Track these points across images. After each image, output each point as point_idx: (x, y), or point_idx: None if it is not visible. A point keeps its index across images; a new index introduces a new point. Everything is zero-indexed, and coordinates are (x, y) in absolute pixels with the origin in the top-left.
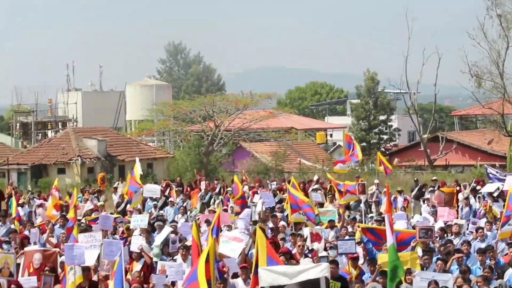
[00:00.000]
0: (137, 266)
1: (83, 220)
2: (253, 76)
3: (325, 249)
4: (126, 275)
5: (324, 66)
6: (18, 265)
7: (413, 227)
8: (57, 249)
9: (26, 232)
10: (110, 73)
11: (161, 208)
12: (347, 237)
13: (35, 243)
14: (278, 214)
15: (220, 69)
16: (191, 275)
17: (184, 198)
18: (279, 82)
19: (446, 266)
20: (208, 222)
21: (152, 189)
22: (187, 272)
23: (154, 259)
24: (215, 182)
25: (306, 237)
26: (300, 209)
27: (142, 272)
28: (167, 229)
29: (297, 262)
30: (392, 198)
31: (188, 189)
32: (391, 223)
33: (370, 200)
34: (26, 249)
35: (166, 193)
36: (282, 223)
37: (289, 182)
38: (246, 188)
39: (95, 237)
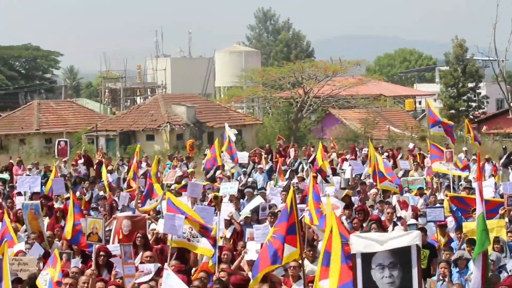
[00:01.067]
0: (227, 233)
1: (173, 187)
2: (341, 42)
3: (415, 217)
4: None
5: (412, 33)
6: (109, 231)
7: (501, 196)
8: (146, 215)
9: (116, 198)
10: (199, 40)
11: (250, 175)
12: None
13: (122, 209)
14: (368, 181)
15: (309, 35)
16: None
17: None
18: (367, 49)
19: None
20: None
21: (241, 156)
22: None
23: None
24: (311, 149)
25: (394, 205)
26: (386, 177)
27: (231, 240)
28: (258, 198)
29: (386, 230)
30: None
31: (277, 155)
32: (481, 191)
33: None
34: (116, 215)
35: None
36: (373, 190)
37: (376, 149)
38: (334, 155)
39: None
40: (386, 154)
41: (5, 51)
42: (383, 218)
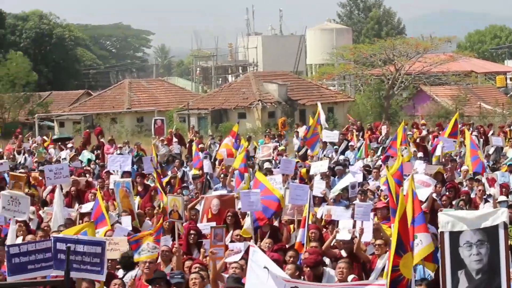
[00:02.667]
0: (319, 212)
1: (267, 165)
2: (432, 19)
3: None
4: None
5: (502, 9)
6: (197, 210)
7: None
8: (235, 194)
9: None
10: (290, 17)
11: (342, 153)
12: None
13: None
14: (459, 159)
15: (400, 12)
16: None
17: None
18: (458, 25)
19: None
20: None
21: (331, 135)
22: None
23: None
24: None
25: (483, 182)
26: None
27: (322, 220)
28: (349, 176)
29: (476, 207)
30: None
31: (369, 133)
32: None
33: None
34: (203, 195)
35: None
36: (464, 167)
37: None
38: (424, 132)
39: (275, 179)
40: (476, 131)
41: (96, 30)
42: (472, 195)
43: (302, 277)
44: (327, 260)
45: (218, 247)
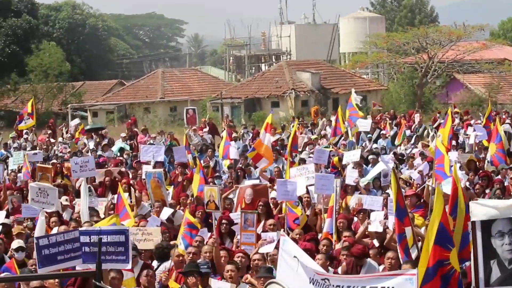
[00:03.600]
0: (351, 200)
1: (303, 155)
2: (465, 7)
3: None
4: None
5: None
6: (231, 200)
7: None
8: (268, 183)
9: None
10: (323, 6)
11: (375, 141)
12: None
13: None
14: None
15: (433, 0)
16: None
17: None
18: (491, 13)
19: None
20: (422, 155)
21: (364, 124)
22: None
23: None
24: (437, 115)
25: None
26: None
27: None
28: (380, 165)
29: (511, 196)
30: None
31: (401, 121)
32: None
33: None
34: (238, 185)
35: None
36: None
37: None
38: (457, 121)
39: (308, 168)
40: (510, 119)
41: (129, 20)
42: (506, 184)
43: (334, 267)
44: None
45: (248, 232)
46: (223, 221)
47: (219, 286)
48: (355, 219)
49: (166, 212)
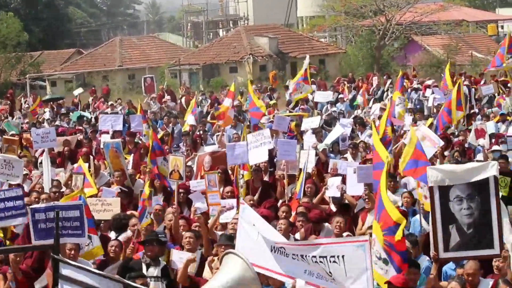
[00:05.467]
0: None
1: (263, 120)
2: None
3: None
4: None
5: None
6: (191, 167)
7: None
8: (225, 150)
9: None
10: None
11: (334, 104)
12: None
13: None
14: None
15: None
16: (378, 203)
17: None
18: None
19: None
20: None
21: (325, 95)
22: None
23: None
24: (384, 77)
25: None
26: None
27: (316, 170)
28: (338, 128)
29: (470, 159)
30: None
31: (359, 84)
32: None
33: None
34: (196, 153)
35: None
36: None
37: (460, 75)
38: (415, 82)
39: (263, 134)
40: (467, 80)
41: None
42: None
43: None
44: None
45: (213, 193)
46: (180, 190)
47: (180, 256)
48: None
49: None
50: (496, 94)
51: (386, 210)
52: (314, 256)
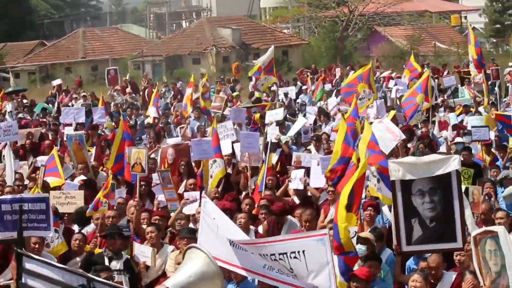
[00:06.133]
0: (274, 157)
1: (226, 112)
2: None
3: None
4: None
5: None
6: (155, 160)
7: None
8: (189, 143)
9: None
10: None
11: (297, 96)
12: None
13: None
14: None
15: None
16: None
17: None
18: None
19: None
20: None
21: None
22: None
23: None
24: (347, 68)
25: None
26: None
27: (279, 163)
28: (301, 120)
29: (434, 150)
30: None
31: (323, 75)
32: None
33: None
34: (159, 145)
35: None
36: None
37: (423, 66)
38: (378, 73)
39: (226, 126)
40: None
41: None
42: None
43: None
44: None
45: (169, 190)
46: (142, 182)
47: (142, 250)
48: None
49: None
50: (458, 86)
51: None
52: (273, 254)
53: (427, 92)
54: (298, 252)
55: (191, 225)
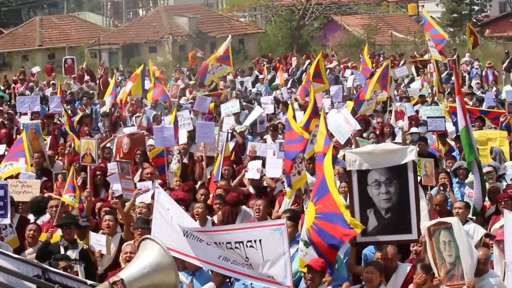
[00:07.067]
0: (229, 146)
1: (182, 101)
2: None
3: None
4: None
5: None
6: (110, 149)
7: (502, 103)
8: (145, 132)
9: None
10: None
11: (253, 85)
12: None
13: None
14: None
15: None
16: (319, 186)
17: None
18: None
19: None
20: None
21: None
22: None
23: None
24: (303, 57)
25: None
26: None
27: (234, 152)
28: (257, 110)
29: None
30: (483, 73)
31: (277, 64)
32: (463, 104)
33: (464, 72)
34: (115, 134)
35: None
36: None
37: (379, 56)
38: (334, 63)
39: (183, 115)
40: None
41: None
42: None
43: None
44: None
45: (127, 180)
46: (97, 172)
47: (97, 239)
48: None
49: None
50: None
51: (332, 195)
52: (229, 243)
53: (319, 74)
54: (255, 241)
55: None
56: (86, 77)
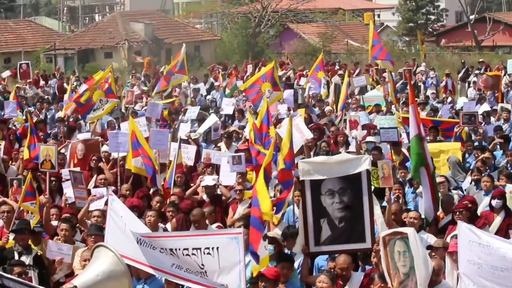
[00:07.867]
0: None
1: (137, 107)
2: None
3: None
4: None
5: None
6: (64, 155)
7: (457, 113)
8: (99, 138)
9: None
10: None
11: (208, 92)
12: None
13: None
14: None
15: None
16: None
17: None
18: None
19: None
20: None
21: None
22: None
23: None
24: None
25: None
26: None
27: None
28: (212, 118)
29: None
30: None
31: (232, 71)
32: (416, 113)
33: (419, 81)
34: (69, 140)
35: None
36: (328, 108)
37: (333, 64)
38: (290, 72)
39: (139, 122)
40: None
41: None
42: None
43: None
44: None
45: (80, 189)
46: (52, 178)
47: (58, 247)
48: None
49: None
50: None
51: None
52: (186, 249)
53: (275, 83)
54: (212, 248)
55: None
56: (42, 82)
